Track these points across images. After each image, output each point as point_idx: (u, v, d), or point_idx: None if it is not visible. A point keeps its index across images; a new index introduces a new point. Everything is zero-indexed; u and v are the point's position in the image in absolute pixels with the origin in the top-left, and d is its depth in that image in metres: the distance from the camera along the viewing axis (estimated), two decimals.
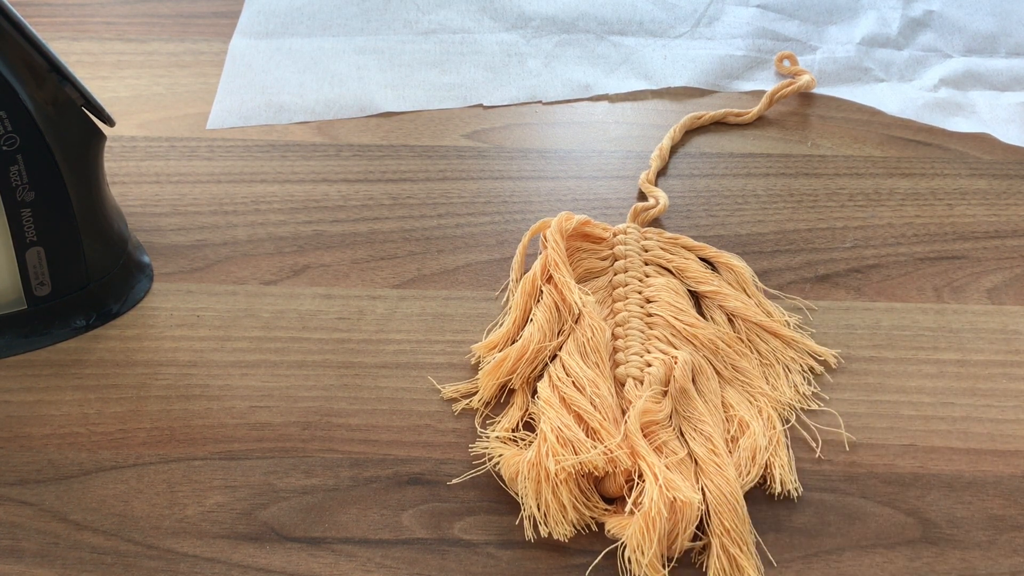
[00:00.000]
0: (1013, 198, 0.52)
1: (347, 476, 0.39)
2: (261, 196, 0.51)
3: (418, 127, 0.55)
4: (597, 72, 0.60)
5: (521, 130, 0.56)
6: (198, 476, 0.39)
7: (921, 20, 0.64)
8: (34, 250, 0.41)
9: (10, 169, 0.39)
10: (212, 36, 0.61)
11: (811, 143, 0.55)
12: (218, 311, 0.45)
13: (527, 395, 0.42)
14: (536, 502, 0.37)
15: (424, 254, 0.48)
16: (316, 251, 0.48)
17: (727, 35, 0.63)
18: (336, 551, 0.37)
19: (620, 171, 0.53)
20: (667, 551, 0.36)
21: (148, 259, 0.47)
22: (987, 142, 0.56)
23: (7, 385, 0.42)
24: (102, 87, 0.57)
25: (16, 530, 0.37)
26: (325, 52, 0.60)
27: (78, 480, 0.39)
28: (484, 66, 0.60)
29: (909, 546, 0.37)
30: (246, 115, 0.56)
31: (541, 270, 0.45)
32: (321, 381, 0.43)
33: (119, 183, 0.51)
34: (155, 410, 0.41)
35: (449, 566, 0.37)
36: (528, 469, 0.37)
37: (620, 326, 0.43)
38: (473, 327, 0.45)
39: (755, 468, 0.39)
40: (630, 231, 0.48)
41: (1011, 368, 0.44)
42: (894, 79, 0.60)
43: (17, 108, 0.38)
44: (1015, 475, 0.40)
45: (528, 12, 0.64)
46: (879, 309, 0.46)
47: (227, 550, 0.37)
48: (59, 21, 0.62)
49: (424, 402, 0.42)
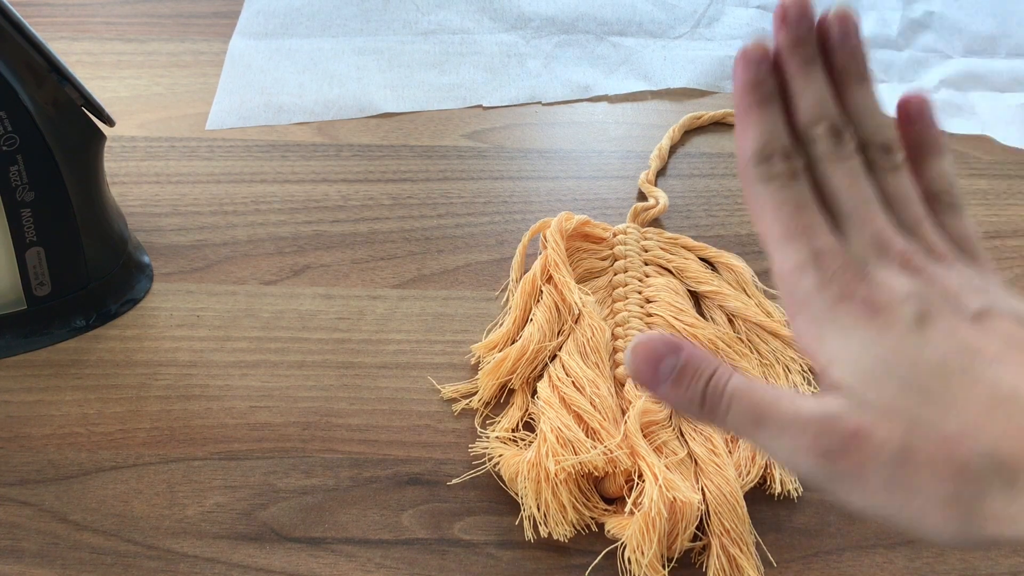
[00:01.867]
0: (1013, 198, 0.52)
1: (347, 476, 0.39)
2: (261, 196, 0.51)
3: (418, 127, 0.55)
4: (597, 73, 0.60)
5: (521, 130, 0.56)
6: (198, 476, 0.39)
7: (921, 21, 0.64)
8: (34, 250, 0.41)
9: (10, 169, 0.39)
10: (212, 36, 0.61)
11: None
12: (218, 311, 0.45)
13: (527, 395, 0.42)
14: (536, 502, 0.37)
15: (424, 254, 0.48)
16: (316, 251, 0.48)
17: (727, 36, 0.63)
18: (336, 551, 0.37)
19: (620, 171, 0.53)
20: (667, 551, 0.36)
21: (148, 259, 0.47)
22: (987, 143, 0.56)
23: (7, 385, 0.42)
24: (102, 87, 0.57)
25: (16, 530, 0.37)
26: (324, 53, 0.60)
27: (78, 480, 0.39)
28: (484, 67, 0.60)
29: (909, 546, 0.37)
30: (246, 115, 0.56)
31: (541, 270, 0.45)
32: (321, 381, 0.43)
33: (119, 183, 0.51)
34: (155, 410, 0.41)
35: (449, 566, 0.37)
36: (528, 469, 0.37)
37: (620, 326, 0.43)
38: (473, 327, 0.45)
39: (755, 468, 0.39)
40: (630, 231, 0.48)
41: None
42: (894, 80, 0.60)
43: (17, 108, 0.38)
44: None
45: (528, 13, 0.64)
46: None
47: (227, 550, 0.37)
48: (59, 21, 0.62)
49: (424, 402, 0.42)
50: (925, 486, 0.24)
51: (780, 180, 0.29)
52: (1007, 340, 0.26)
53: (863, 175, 0.29)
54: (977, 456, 0.24)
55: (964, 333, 0.26)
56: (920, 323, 0.26)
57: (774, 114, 0.29)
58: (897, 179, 0.30)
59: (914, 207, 0.30)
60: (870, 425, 0.25)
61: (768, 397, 0.27)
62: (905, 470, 0.25)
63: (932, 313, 0.26)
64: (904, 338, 0.26)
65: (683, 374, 0.28)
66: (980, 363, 0.25)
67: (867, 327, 0.26)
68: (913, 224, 0.29)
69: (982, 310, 0.26)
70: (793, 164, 0.29)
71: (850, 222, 0.29)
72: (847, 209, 0.29)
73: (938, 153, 0.31)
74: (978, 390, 0.24)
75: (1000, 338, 0.26)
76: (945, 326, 0.26)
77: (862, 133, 0.30)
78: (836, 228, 0.29)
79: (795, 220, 0.29)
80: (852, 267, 0.28)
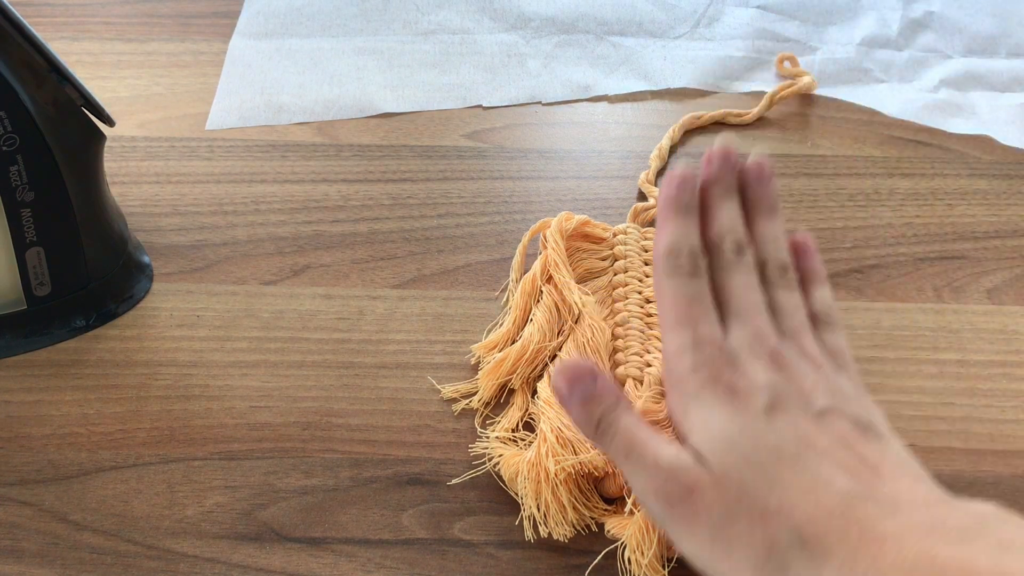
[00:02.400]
0: (1013, 198, 0.52)
1: (347, 476, 0.39)
2: (261, 196, 0.51)
3: (418, 127, 0.56)
4: (597, 73, 0.60)
5: (521, 130, 0.56)
6: (198, 476, 0.39)
7: (921, 21, 0.64)
8: (34, 250, 0.41)
9: (10, 169, 0.39)
10: (212, 36, 0.61)
11: (811, 143, 0.55)
12: (218, 311, 0.45)
13: (527, 395, 0.42)
14: (536, 502, 0.37)
15: (424, 254, 0.48)
16: (316, 251, 0.48)
17: (727, 36, 0.63)
18: (336, 551, 0.37)
19: (620, 171, 0.53)
20: (667, 551, 0.36)
21: (148, 259, 0.47)
22: (987, 142, 0.56)
23: (7, 385, 0.42)
24: (102, 87, 0.57)
25: (16, 530, 0.37)
26: (324, 53, 0.60)
27: (78, 480, 0.39)
28: (484, 67, 0.60)
29: None
30: (245, 115, 0.56)
31: (541, 270, 0.45)
32: (321, 381, 0.43)
33: (119, 183, 0.51)
34: (155, 410, 0.41)
35: (449, 566, 0.37)
36: (528, 469, 0.37)
37: (620, 326, 0.43)
38: (473, 327, 0.45)
39: None
40: (630, 231, 0.48)
41: (1011, 368, 0.44)
42: (894, 80, 0.60)
43: (17, 108, 0.38)
44: (1015, 475, 0.40)
45: (528, 13, 0.64)
46: (879, 309, 0.46)
47: (227, 550, 0.37)
48: (59, 21, 0.62)
49: (424, 402, 0.42)
50: (741, 549, 0.28)
51: (681, 275, 0.34)
52: (838, 438, 0.29)
53: (756, 285, 0.35)
54: (786, 532, 0.27)
55: (804, 426, 0.30)
56: (769, 411, 0.30)
57: (688, 224, 0.35)
58: (787, 294, 0.35)
59: (798, 318, 0.34)
60: (707, 484, 0.29)
61: (642, 437, 0.31)
62: (726, 531, 0.28)
63: (781, 404, 0.30)
64: (753, 421, 0.30)
65: (591, 399, 0.32)
66: (809, 453, 0.29)
67: (725, 408, 0.30)
68: (794, 332, 0.34)
69: (825, 409, 0.30)
70: (695, 264, 0.34)
71: (736, 319, 0.33)
72: (735, 308, 0.34)
73: (821, 283, 0.37)
74: (801, 476, 0.28)
75: (832, 435, 0.30)
76: (790, 417, 0.30)
77: (763, 255, 0.36)
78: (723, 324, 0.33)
79: (687, 311, 0.33)
80: (725, 355, 0.32)
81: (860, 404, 0.32)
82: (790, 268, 0.36)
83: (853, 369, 0.35)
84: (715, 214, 0.36)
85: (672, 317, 0.34)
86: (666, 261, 0.34)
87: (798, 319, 0.35)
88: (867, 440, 0.30)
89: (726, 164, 0.37)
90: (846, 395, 0.32)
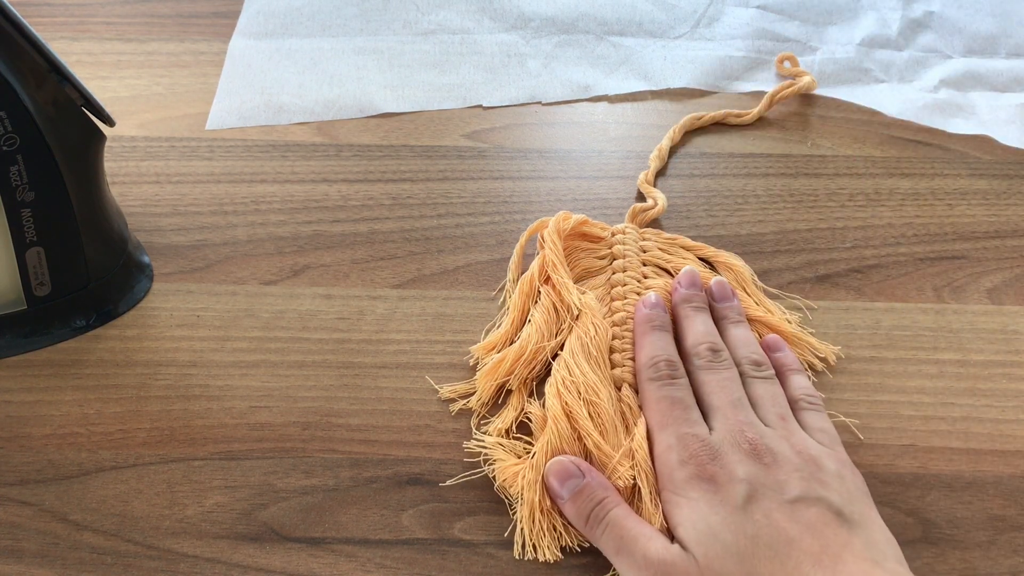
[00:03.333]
0: (1013, 198, 0.52)
1: (347, 476, 0.39)
2: (261, 196, 0.51)
3: (418, 127, 0.56)
4: (597, 73, 0.60)
5: (521, 130, 0.56)
6: (198, 476, 0.39)
7: (921, 21, 0.64)
8: (34, 250, 0.41)
9: (10, 169, 0.39)
10: (212, 36, 0.61)
11: (811, 143, 0.55)
12: (218, 311, 0.45)
13: (523, 396, 0.41)
14: (530, 528, 0.37)
15: (424, 254, 0.48)
16: (316, 251, 0.48)
17: (727, 36, 0.63)
18: (336, 551, 0.37)
19: (620, 171, 0.53)
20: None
21: (148, 259, 0.47)
22: (987, 142, 0.56)
23: (7, 385, 0.42)
24: (102, 87, 0.57)
25: (16, 530, 0.37)
26: (324, 53, 0.60)
27: (78, 480, 0.39)
28: (484, 67, 0.60)
29: (909, 546, 0.37)
30: (246, 115, 0.56)
31: (539, 270, 0.45)
32: (321, 381, 0.43)
33: (119, 183, 0.51)
34: (155, 410, 0.41)
35: (449, 566, 0.37)
36: (525, 488, 0.37)
37: (618, 326, 0.43)
38: (473, 327, 0.45)
39: None
40: (628, 231, 0.48)
41: (1011, 368, 0.44)
42: (894, 80, 0.60)
43: (17, 108, 0.38)
44: (1015, 475, 0.40)
45: (528, 13, 0.64)
46: (879, 309, 0.46)
47: (227, 550, 0.37)
48: (59, 21, 0.62)
49: (424, 402, 0.42)
50: None
51: (662, 381, 0.38)
52: (807, 525, 0.33)
53: (735, 381, 0.39)
54: None
55: (777, 515, 0.33)
56: (747, 502, 0.33)
57: (665, 337, 0.41)
58: (765, 386, 0.39)
59: (780, 405, 0.38)
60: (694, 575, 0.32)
61: (633, 532, 0.34)
62: None
63: (757, 495, 0.34)
64: (733, 513, 0.33)
65: (580, 494, 0.35)
66: (780, 541, 0.32)
67: (708, 501, 0.34)
68: (777, 420, 0.37)
69: (798, 497, 0.34)
70: (674, 371, 0.39)
71: (718, 415, 0.37)
72: (717, 404, 0.37)
73: (797, 371, 0.41)
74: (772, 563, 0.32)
75: (802, 524, 0.33)
76: (765, 507, 0.33)
77: (737, 356, 0.40)
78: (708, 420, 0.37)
79: (669, 411, 0.37)
80: (708, 450, 0.35)
81: (841, 486, 0.35)
82: (765, 362, 0.40)
83: (839, 447, 0.37)
84: (689, 326, 0.41)
85: (657, 419, 0.37)
86: (647, 370, 0.39)
87: (780, 407, 0.38)
88: (836, 526, 0.33)
89: (694, 285, 0.43)
90: (824, 480, 0.35)
